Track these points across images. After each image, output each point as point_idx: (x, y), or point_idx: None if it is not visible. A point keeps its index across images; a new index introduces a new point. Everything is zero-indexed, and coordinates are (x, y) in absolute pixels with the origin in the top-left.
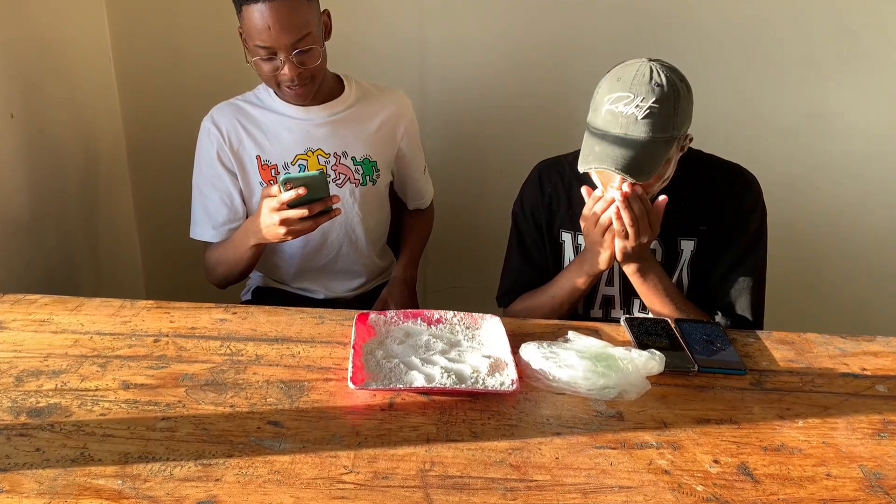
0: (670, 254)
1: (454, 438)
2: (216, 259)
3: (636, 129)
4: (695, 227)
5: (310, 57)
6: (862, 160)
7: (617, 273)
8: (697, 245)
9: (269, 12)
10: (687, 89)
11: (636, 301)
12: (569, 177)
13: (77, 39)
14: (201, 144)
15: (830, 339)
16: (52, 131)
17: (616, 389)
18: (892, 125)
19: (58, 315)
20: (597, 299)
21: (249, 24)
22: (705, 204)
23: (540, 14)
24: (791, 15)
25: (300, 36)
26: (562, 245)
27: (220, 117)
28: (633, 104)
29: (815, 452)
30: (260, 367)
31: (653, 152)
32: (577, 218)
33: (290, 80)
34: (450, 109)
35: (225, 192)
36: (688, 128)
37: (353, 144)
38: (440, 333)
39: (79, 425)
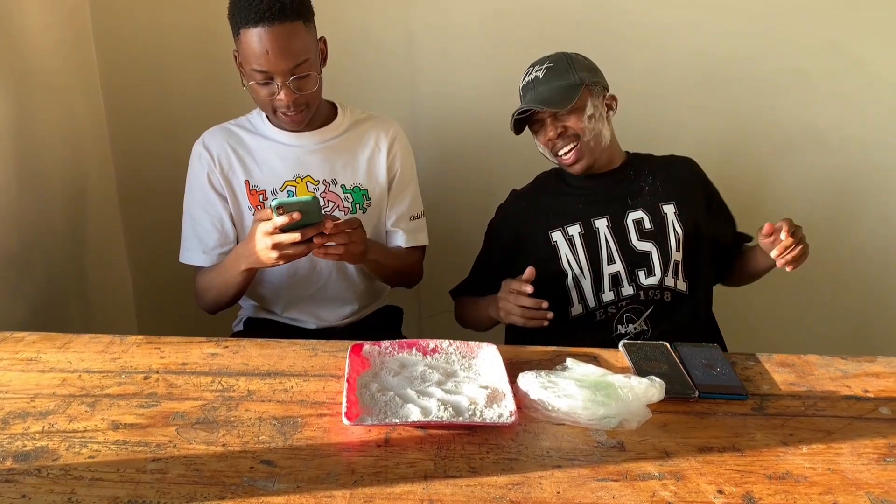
0: (656, 217)
1: (452, 474)
2: (206, 284)
3: (542, 83)
4: (667, 194)
5: (306, 83)
6: (855, 173)
7: (616, 249)
8: (677, 205)
9: (267, 37)
10: (583, 58)
11: (640, 272)
12: (554, 182)
13: (65, 69)
14: (192, 168)
15: (831, 361)
16: (40, 164)
17: (617, 419)
18: (883, 138)
19: (45, 353)
20: (604, 282)
21: (247, 47)
22: (666, 177)
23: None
24: (780, 31)
25: (298, 62)
26: (555, 245)
27: (212, 141)
28: (535, 70)
29: (820, 480)
30: (252, 403)
31: (562, 91)
32: (554, 217)
33: (286, 106)
34: (441, 135)
35: (216, 216)
36: (601, 88)
37: (342, 172)
38: (436, 364)
39: (66, 469)
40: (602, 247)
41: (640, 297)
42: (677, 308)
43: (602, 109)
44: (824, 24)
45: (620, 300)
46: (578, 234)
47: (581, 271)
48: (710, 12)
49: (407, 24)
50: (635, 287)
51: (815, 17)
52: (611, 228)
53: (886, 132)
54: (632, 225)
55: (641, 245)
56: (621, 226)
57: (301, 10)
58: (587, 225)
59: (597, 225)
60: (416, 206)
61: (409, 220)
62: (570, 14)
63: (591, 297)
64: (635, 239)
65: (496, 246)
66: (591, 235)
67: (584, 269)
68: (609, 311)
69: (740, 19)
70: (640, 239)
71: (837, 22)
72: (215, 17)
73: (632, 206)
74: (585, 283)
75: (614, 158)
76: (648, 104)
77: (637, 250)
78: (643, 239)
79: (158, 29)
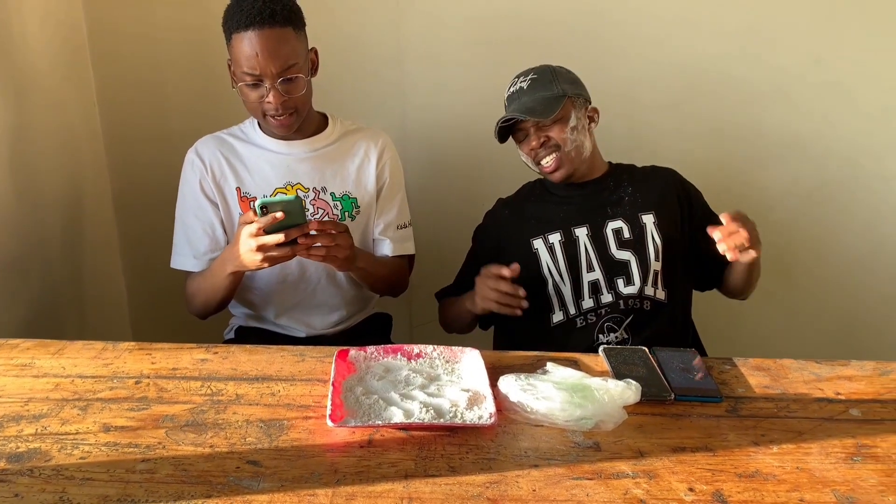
0: (635, 227)
1: (432, 473)
2: (195, 288)
3: (526, 94)
4: (646, 205)
5: (295, 87)
6: (835, 183)
7: (595, 257)
8: (656, 214)
9: (257, 40)
10: (567, 71)
11: (619, 280)
12: (538, 191)
13: (62, 80)
14: (185, 175)
15: (805, 365)
16: (37, 173)
17: (593, 420)
18: (862, 149)
19: (40, 359)
20: (584, 289)
21: (238, 51)
22: (646, 188)
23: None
24: (762, 46)
25: (286, 65)
26: (536, 252)
27: (204, 149)
28: (519, 82)
29: (788, 478)
30: (240, 407)
31: (546, 102)
32: (536, 224)
33: (275, 109)
34: (431, 144)
35: (207, 222)
36: (584, 101)
37: (332, 181)
38: (420, 368)
39: (58, 469)
40: (581, 254)
41: (620, 305)
42: (657, 316)
43: (584, 121)
44: (806, 40)
45: (600, 307)
46: (559, 241)
47: (561, 278)
48: (694, 26)
49: (397, 35)
50: (614, 295)
51: (797, 32)
52: (590, 237)
53: (865, 144)
54: (611, 234)
55: (620, 254)
56: (601, 234)
57: (291, 18)
58: (567, 233)
59: (577, 233)
60: (404, 216)
61: (397, 228)
62: (559, 24)
63: (572, 304)
64: (614, 248)
65: (481, 251)
66: (571, 243)
67: (564, 276)
68: (589, 318)
69: (724, 34)
70: (619, 248)
71: (818, 37)
72: (209, 30)
73: (611, 216)
74: (565, 290)
75: (595, 169)
76: (633, 115)
77: (616, 259)
78: (622, 248)
79: (153, 40)
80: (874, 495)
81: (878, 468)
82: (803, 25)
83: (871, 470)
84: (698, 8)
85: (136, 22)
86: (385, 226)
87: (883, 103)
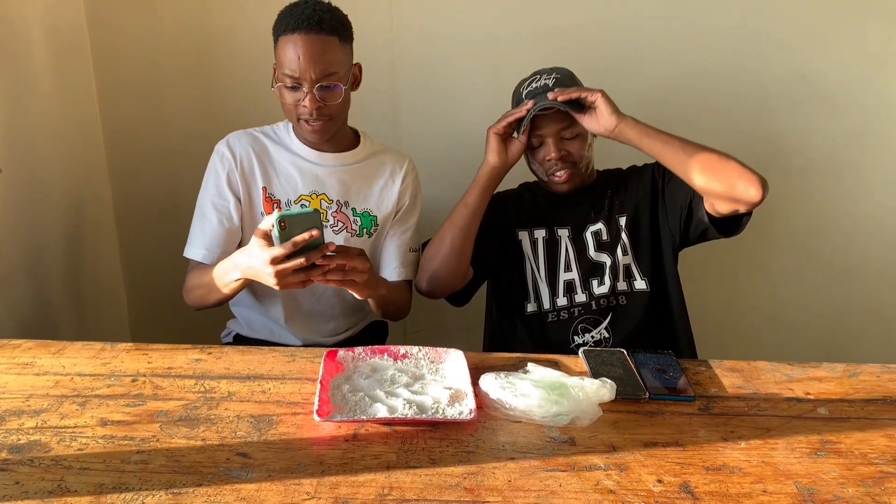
0: (612, 229)
1: (413, 465)
2: (196, 282)
3: (553, 91)
4: (622, 206)
5: (332, 95)
6: (818, 196)
7: (574, 258)
8: (627, 215)
9: (301, 43)
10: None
11: (593, 281)
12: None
13: (62, 85)
14: (212, 166)
15: (778, 367)
16: (39, 184)
17: (569, 416)
18: (847, 161)
19: (41, 358)
20: (559, 287)
21: (282, 53)
22: (622, 189)
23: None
24: (745, 60)
25: (327, 72)
26: (520, 243)
27: (236, 143)
28: (543, 78)
29: (753, 471)
30: (231, 403)
31: (575, 103)
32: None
33: (309, 114)
34: (422, 155)
35: (226, 214)
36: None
37: (356, 197)
38: (405, 367)
39: (57, 460)
40: (561, 254)
41: (593, 306)
42: (636, 307)
43: (592, 136)
44: (789, 55)
45: (573, 306)
46: (542, 238)
47: (539, 274)
48: (676, 40)
49: (390, 43)
50: (588, 296)
51: (779, 47)
52: (571, 238)
53: (848, 158)
54: (590, 237)
55: (597, 256)
56: (581, 237)
57: (338, 28)
58: (551, 232)
59: (559, 233)
60: (416, 241)
61: (409, 251)
62: (551, 42)
63: (547, 300)
64: (592, 250)
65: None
66: (554, 242)
67: (542, 272)
68: (562, 315)
69: (705, 46)
70: (596, 250)
71: (801, 53)
72: (211, 37)
73: (593, 220)
74: (542, 286)
75: (590, 177)
76: None
77: (593, 261)
78: (599, 250)
79: (155, 48)
80: (834, 487)
81: (840, 462)
82: (785, 37)
83: (833, 464)
84: (680, 22)
85: (138, 27)
86: (397, 246)
87: (864, 115)
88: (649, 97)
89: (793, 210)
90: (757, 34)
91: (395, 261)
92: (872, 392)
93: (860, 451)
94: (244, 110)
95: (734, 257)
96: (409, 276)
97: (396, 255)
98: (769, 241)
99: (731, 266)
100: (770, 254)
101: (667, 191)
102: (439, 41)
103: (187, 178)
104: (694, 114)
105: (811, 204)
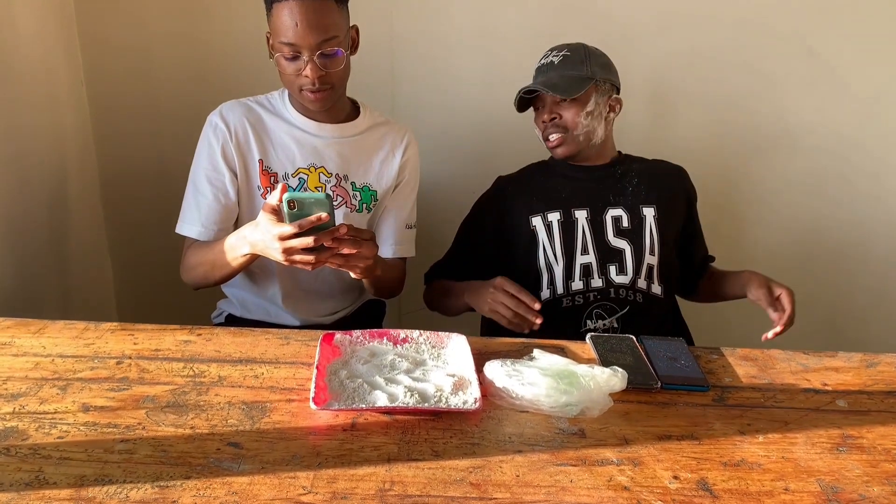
0: (635, 218)
1: (415, 458)
2: (198, 259)
3: (555, 69)
4: (649, 198)
5: (333, 62)
6: (826, 176)
7: (591, 242)
8: (657, 210)
9: (298, 10)
10: (602, 54)
11: (611, 267)
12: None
13: (49, 63)
14: (205, 138)
15: (793, 356)
16: (22, 155)
17: (578, 406)
18: (854, 143)
19: (20, 338)
20: (575, 271)
21: (278, 21)
22: (651, 182)
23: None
24: (756, 39)
25: (326, 37)
26: (534, 230)
27: (230, 113)
28: (552, 56)
29: (773, 467)
30: (222, 389)
31: (571, 81)
32: (537, 202)
33: (311, 83)
34: (420, 136)
35: (221, 189)
36: (610, 87)
37: (356, 170)
38: (406, 353)
39: (35, 448)
40: (578, 237)
41: (611, 293)
42: (650, 310)
43: (604, 109)
44: (799, 31)
45: (589, 291)
46: (557, 220)
47: (555, 258)
48: (685, 17)
49: (389, 25)
50: (605, 282)
51: (789, 24)
52: (589, 220)
53: (857, 138)
54: (609, 221)
55: (616, 241)
56: (599, 219)
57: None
58: (567, 214)
59: (576, 215)
60: (413, 216)
61: (406, 227)
62: (549, 29)
63: (561, 284)
64: (611, 234)
65: (480, 223)
66: (570, 224)
67: (558, 256)
68: (577, 300)
69: (714, 26)
70: (615, 235)
71: (811, 29)
72: (200, 19)
73: (613, 204)
74: (557, 270)
75: (604, 155)
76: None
77: (611, 246)
78: (619, 236)
79: (144, 30)
80: (859, 485)
81: (862, 458)
82: (796, 17)
83: (856, 460)
84: (689, 1)
85: (126, 10)
86: (395, 222)
87: (874, 97)
88: (655, 73)
89: (799, 190)
90: (766, 11)
91: (392, 237)
92: (892, 384)
93: (883, 447)
94: (236, 75)
95: (739, 238)
96: (404, 254)
97: (393, 232)
98: (775, 223)
99: (737, 247)
100: (775, 234)
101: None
102: (438, 11)
103: (177, 146)
104: (701, 93)
105: (818, 184)
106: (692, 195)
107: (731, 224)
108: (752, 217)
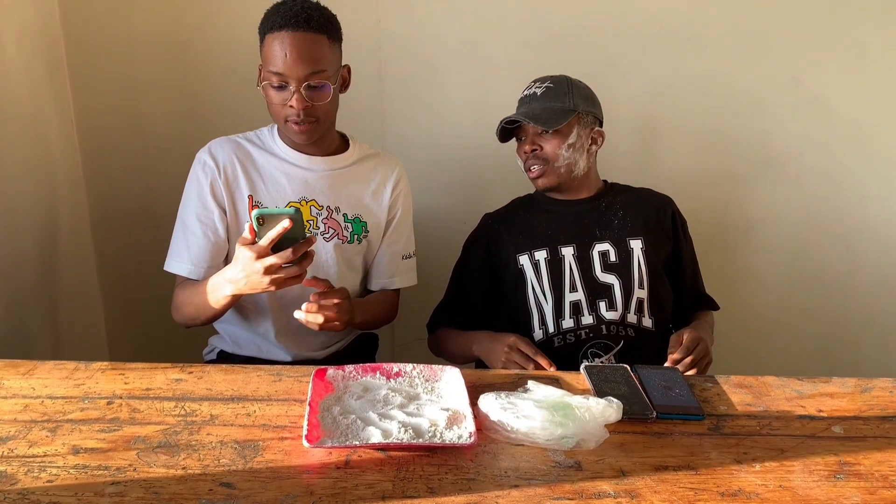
0: (622, 251)
1: (410, 495)
2: (185, 299)
3: (537, 100)
4: (636, 230)
5: (319, 94)
6: (814, 203)
7: (579, 279)
8: (644, 241)
9: (288, 41)
10: (585, 86)
11: (601, 303)
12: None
13: (38, 103)
14: (194, 175)
15: (787, 382)
16: (12, 192)
17: (574, 439)
18: (840, 168)
19: (9, 379)
20: (564, 309)
21: (269, 50)
22: (637, 213)
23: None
24: (741, 65)
25: (315, 69)
26: (522, 269)
27: (219, 150)
28: (535, 87)
29: (771, 496)
30: (214, 428)
31: (553, 113)
32: (523, 240)
33: (297, 115)
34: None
35: (210, 225)
36: (593, 119)
37: (346, 202)
38: (399, 387)
39: (24, 493)
40: (566, 274)
41: (602, 330)
42: (644, 345)
43: (586, 141)
44: (785, 59)
45: (580, 328)
46: (545, 259)
47: (544, 297)
48: (669, 45)
49: (377, 51)
50: (595, 318)
51: (776, 52)
52: (576, 257)
53: (843, 163)
54: (597, 256)
55: (604, 277)
56: (587, 255)
57: (327, 27)
58: (553, 251)
59: (563, 252)
60: (410, 246)
61: (402, 258)
62: (538, 49)
63: (552, 323)
64: (599, 270)
65: (473, 264)
66: (557, 262)
67: (547, 295)
68: (568, 338)
69: (701, 52)
70: (603, 271)
71: (796, 57)
72: (190, 50)
73: (599, 238)
74: (547, 309)
75: (588, 188)
76: (611, 134)
77: (599, 281)
78: (607, 271)
79: (133, 61)
80: None
81: (860, 486)
82: (781, 43)
83: (854, 488)
84: (676, 26)
85: (115, 41)
86: (392, 255)
87: (860, 123)
88: (641, 101)
89: (788, 216)
90: (752, 38)
91: (388, 272)
92: (887, 409)
93: (881, 474)
94: (224, 112)
95: (729, 265)
96: (401, 285)
97: (389, 267)
98: (764, 248)
99: (727, 275)
100: (765, 261)
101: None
102: (426, 43)
103: (166, 184)
104: (688, 118)
105: (806, 210)
106: (680, 223)
107: (720, 253)
108: (741, 244)
